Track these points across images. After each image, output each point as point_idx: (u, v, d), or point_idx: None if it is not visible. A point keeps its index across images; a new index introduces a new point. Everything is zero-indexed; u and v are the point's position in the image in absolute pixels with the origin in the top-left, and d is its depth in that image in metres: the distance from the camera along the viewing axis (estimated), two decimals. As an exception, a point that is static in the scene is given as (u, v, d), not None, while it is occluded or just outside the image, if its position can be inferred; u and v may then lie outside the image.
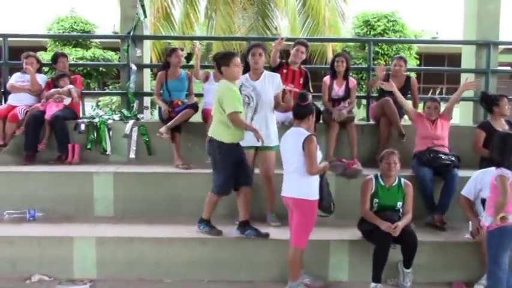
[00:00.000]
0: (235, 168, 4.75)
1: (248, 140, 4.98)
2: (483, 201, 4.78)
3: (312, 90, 6.22)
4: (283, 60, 6.14)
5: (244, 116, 4.93)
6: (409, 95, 6.56)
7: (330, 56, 11.19)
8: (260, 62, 5.19)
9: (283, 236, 4.81)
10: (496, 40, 7.25)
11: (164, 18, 12.40)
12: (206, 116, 6.01)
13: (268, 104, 5.14)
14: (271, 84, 5.19)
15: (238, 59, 4.70)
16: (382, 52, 13.46)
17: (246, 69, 5.30)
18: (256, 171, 5.29)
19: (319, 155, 4.34)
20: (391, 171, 4.69)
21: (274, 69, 5.84)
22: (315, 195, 4.28)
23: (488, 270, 4.16)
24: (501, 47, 13.54)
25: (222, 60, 4.70)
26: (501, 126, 5.74)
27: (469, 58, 7.50)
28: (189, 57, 14.39)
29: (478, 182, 4.89)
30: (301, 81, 6.10)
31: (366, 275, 4.53)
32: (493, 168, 4.86)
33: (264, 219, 5.26)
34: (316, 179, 4.32)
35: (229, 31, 11.58)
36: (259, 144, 4.90)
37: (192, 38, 13.07)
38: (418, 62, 15.45)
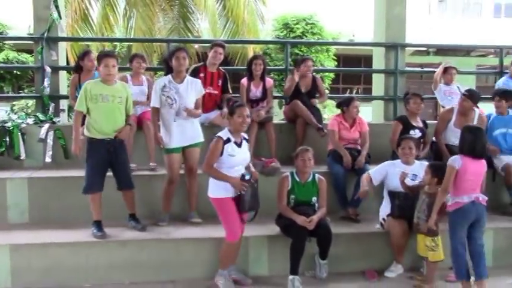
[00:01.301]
0: (106, 167, 4.90)
1: (176, 142, 5.15)
2: (390, 193, 5.12)
3: (231, 92, 6.36)
4: (200, 64, 6.23)
5: (167, 116, 5.16)
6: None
7: (251, 57, 11.38)
8: (184, 65, 5.27)
9: (204, 234, 4.91)
10: (402, 42, 7.69)
11: (82, 20, 12.07)
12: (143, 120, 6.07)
13: (189, 106, 5.21)
14: (193, 89, 5.28)
15: (109, 60, 4.82)
16: (302, 54, 13.85)
17: (168, 71, 5.38)
18: (181, 171, 5.36)
19: (232, 161, 4.44)
20: (305, 167, 4.88)
21: (191, 74, 5.90)
22: (224, 193, 4.41)
23: (451, 247, 4.47)
24: (411, 49, 14.34)
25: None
26: (416, 122, 6.07)
27: (379, 59, 7.90)
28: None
29: (384, 168, 5.23)
30: (219, 83, 6.22)
31: (284, 269, 4.67)
32: (399, 161, 5.24)
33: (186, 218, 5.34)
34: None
35: (149, 33, 11.48)
36: (186, 144, 5.16)
37: (110, 40, 12.88)
38: (336, 63, 16.02)
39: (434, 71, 7.46)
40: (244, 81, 6.50)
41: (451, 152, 5.59)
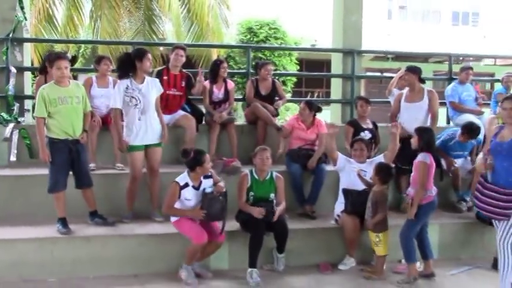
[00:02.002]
0: (69, 166, 5.04)
1: (139, 140, 5.33)
2: (344, 190, 5.44)
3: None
4: (163, 67, 6.44)
5: (131, 116, 5.31)
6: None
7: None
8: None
9: (167, 230, 5.09)
10: (359, 49, 8.06)
11: (46, 20, 12.04)
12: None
13: (152, 105, 5.41)
14: (154, 87, 5.47)
15: (61, 62, 4.92)
16: (265, 58, 14.18)
17: (127, 70, 5.41)
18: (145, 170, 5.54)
19: (188, 203, 4.84)
20: (263, 165, 5.15)
21: (156, 77, 6.07)
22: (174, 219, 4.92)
23: (408, 236, 4.95)
24: (371, 54, 14.74)
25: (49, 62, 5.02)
26: (366, 124, 6.42)
27: (337, 64, 8.26)
28: (73, 60, 14.12)
29: (344, 159, 5.59)
30: (183, 84, 6.41)
31: (244, 263, 4.90)
32: (353, 160, 5.57)
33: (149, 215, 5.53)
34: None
35: (114, 34, 11.55)
36: (148, 142, 5.33)
37: (75, 42, 12.90)
38: (299, 67, 16.40)
39: (392, 77, 7.83)
40: (206, 83, 6.72)
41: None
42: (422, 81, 6.30)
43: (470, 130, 6.25)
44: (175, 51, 6.33)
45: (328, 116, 8.52)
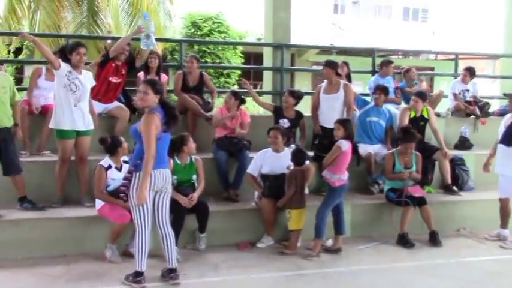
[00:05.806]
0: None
1: (70, 125, 5.58)
2: (262, 176, 5.88)
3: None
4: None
5: (67, 100, 5.55)
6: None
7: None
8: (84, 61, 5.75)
9: (94, 213, 5.37)
10: (287, 43, 8.53)
11: (-14, 11, 11.91)
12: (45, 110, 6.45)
13: (87, 94, 5.72)
14: (88, 79, 5.79)
15: None
16: (209, 51, 14.45)
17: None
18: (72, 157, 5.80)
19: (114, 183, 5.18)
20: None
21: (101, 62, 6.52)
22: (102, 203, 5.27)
23: (322, 213, 5.45)
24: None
25: None
26: (288, 113, 6.77)
27: (268, 58, 8.71)
28: (17, 52, 13.99)
29: (259, 160, 5.95)
30: (123, 72, 6.68)
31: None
32: (270, 149, 5.99)
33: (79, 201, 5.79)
34: None
35: (54, 27, 11.53)
36: (81, 128, 5.62)
37: (15, 34, 12.76)
38: (244, 61, 16.64)
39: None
40: (141, 74, 7.05)
41: (325, 132, 6.45)
42: (338, 74, 6.78)
43: (381, 87, 7.21)
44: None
45: (259, 106, 8.94)
